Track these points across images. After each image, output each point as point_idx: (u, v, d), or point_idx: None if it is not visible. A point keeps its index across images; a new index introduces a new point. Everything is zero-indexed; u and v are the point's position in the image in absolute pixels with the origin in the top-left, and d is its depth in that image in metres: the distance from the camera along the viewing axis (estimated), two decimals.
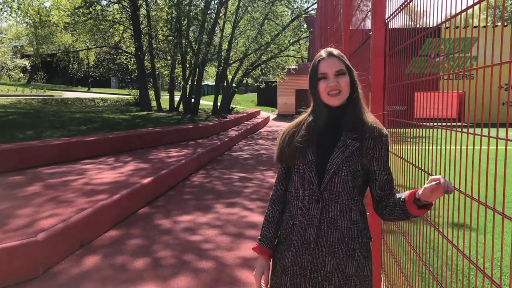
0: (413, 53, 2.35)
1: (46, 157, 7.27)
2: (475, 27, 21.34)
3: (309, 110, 1.75)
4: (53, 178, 6.12)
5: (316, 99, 1.66)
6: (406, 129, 2.39)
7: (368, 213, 2.73)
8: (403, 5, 2.26)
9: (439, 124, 1.84)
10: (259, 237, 1.77)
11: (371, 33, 2.62)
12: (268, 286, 1.73)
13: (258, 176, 8.05)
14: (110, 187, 5.56)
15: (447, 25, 1.81)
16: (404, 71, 2.50)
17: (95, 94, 28.19)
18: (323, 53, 1.66)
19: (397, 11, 2.33)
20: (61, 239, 3.87)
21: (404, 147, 2.34)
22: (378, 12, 2.56)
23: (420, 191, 1.41)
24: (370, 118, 1.66)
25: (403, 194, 1.53)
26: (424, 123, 2.05)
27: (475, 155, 1.50)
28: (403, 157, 2.30)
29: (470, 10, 1.67)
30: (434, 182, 1.33)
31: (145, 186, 5.87)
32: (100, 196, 5.02)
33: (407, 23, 2.39)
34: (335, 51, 1.66)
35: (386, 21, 2.54)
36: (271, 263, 1.75)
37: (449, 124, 1.83)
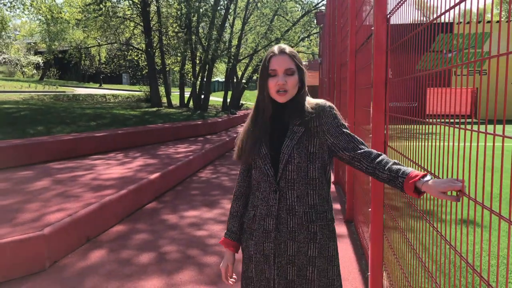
0: (422, 49, 2.32)
1: (56, 153, 7.36)
2: (488, 22, 21.02)
3: (255, 105, 1.80)
4: (62, 173, 6.20)
5: (264, 93, 1.71)
6: (415, 126, 2.37)
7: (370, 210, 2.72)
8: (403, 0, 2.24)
9: (441, 121, 1.82)
10: (225, 231, 1.87)
11: (373, 28, 2.61)
12: (233, 276, 1.86)
13: None
14: (117, 182, 5.61)
15: (460, 20, 1.77)
16: (409, 66, 2.48)
17: (107, 91, 28.41)
18: (275, 49, 1.71)
19: (398, 6, 2.31)
20: (67, 233, 3.92)
21: (405, 144, 2.32)
22: (380, 6, 2.54)
23: (427, 182, 1.39)
24: (312, 101, 1.73)
25: (406, 170, 1.49)
26: (426, 120, 2.03)
27: (480, 152, 1.49)
28: (405, 154, 2.28)
29: (482, 5, 1.64)
30: (455, 185, 1.32)
31: (152, 181, 5.91)
32: (107, 191, 5.07)
33: (414, 18, 2.37)
34: (288, 49, 1.71)
35: (388, 16, 2.52)
36: (236, 255, 1.87)
37: (451, 120, 1.81)
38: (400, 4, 2.28)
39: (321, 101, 1.74)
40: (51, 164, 6.99)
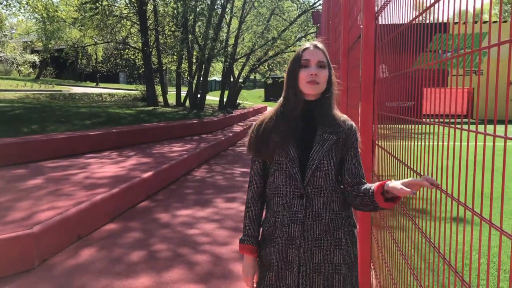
0: (414, 48, 2.32)
1: (50, 151, 7.34)
2: (485, 22, 21.01)
3: (281, 101, 1.73)
4: (55, 172, 6.18)
5: (293, 87, 1.66)
6: (407, 126, 2.37)
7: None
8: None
9: (433, 120, 1.82)
10: (245, 237, 1.76)
11: (361, 26, 2.61)
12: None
13: None
14: (110, 181, 5.60)
15: (456, 20, 1.78)
16: (401, 66, 2.48)
17: (103, 90, 28.34)
18: (308, 44, 1.70)
19: (385, 4, 2.31)
20: (57, 231, 3.91)
21: (395, 143, 2.32)
22: (369, 5, 2.53)
23: (390, 183, 1.43)
24: (340, 114, 1.74)
25: (373, 185, 1.55)
26: (415, 119, 2.03)
27: (473, 151, 1.49)
28: (392, 153, 2.28)
29: (479, 5, 1.66)
30: (416, 181, 1.37)
31: (145, 180, 5.90)
32: (99, 189, 5.06)
33: (403, 16, 2.37)
34: (320, 45, 1.70)
35: (376, 14, 2.52)
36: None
37: (446, 120, 1.81)
38: (387, 2, 2.28)
39: (348, 118, 1.75)
40: (44, 162, 6.97)
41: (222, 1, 17.40)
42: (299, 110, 1.67)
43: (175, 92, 20.67)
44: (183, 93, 20.37)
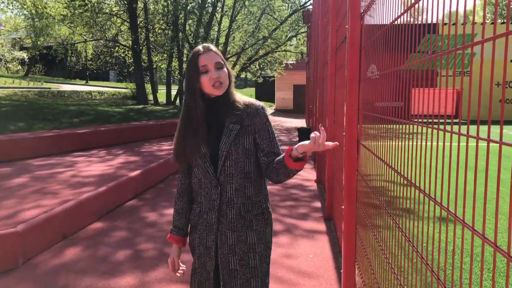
0: (402, 48, 2.33)
1: (36, 149, 7.26)
2: (475, 23, 21.21)
3: (184, 109, 1.83)
4: (41, 170, 6.12)
5: (194, 93, 1.76)
6: (398, 126, 2.37)
7: (343, 207, 2.73)
8: None
9: (418, 120, 1.83)
10: (172, 227, 1.93)
11: (347, 26, 2.61)
12: (181, 267, 1.94)
13: None
14: (97, 179, 5.55)
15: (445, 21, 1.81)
16: (389, 65, 2.48)
17: (93, 87, 28.12)
18: (200, 48, 1.79)
19: (371, 3, 2.31)
20: (42, 230, 3.87)
21: (380, 143, 2.33)
22: (354, 5, 2.54)
23: (299, 144, 1.61)
24: (244, 99, 1.84)
25: (283, 153, 1.71)
26: (398, 119, 2.04)
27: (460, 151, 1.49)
28: (376, 153, 2.29)
29: (469, 7, 1.68)
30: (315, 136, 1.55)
31: (133, 178, 5.86)
32: (86, 188, 5.02)
33: (389, 16, 2.37)
34: (212, 46, 1.81)
35: (362, 14, 2.52)
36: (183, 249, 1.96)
37: (425, 121, 1.81)
38: (371, 2, 2.29)
39: (253, 100, 1.85)
40: (31, 160, 6.90)
41: (212, 0, 17.34)
42: (201, 111, 1.77)
43: (165, 90, 20.57)
44: (173, 92, 20.29)
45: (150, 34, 18.36)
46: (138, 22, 17.58)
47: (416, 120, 1.75)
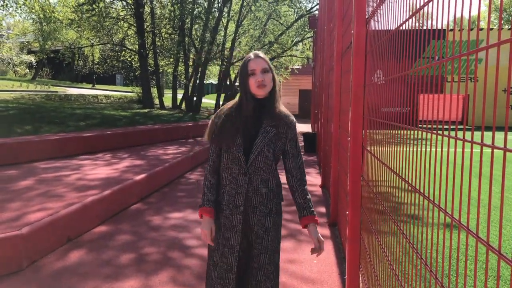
0: (410, 54, 2.31)
1: (43, 152, 7.30)
2: (481, 29, 21.17)
3: (236, 100, 2.17)
4: (47, 173, 6.15)
5: (246, 91, 2.08)
6: (403, 131, 2.36)
7: (347, 212, 2.72)
8: (380, 2, 2.24)
9: (423, 126, 1.82)
10: (204, 201, 2.14)
11: (352, 31, 2.61)
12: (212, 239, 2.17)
13: None
14: (102, 182, 5.57)
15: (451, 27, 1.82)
16: (393, 71, 2.47)
17: (99, 91, 28.25)
18: (251, 55, 2.11)
19: (376, 9, 2.31)
20: (47, 233, 3.88)
21: (384, 149, 2.32)
22: (360, 10, 2.54)
23: (309, 229, 2.17)
24: (283, 109, 2.16)
25: (301, 211, 2.19)
26: (407, 126, 2.03)
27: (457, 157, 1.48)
28: (381, 158, 2.28)
29: (476, 12, 1.69)
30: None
31: (138, 182, 5.87)
32: (91, 191, 5.04)
33: (393, 22, 2.37)
34: (261, 54, 2.12)
35: (367, 19, 2.52)
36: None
37: (429, 126, 1.81)
38: (377, 8, 2.29)
39: (289, 113, 2.18)
40: (37, 163, 6.93)
41: (219, 5, 17.40)
42: (251, 109, 2.09)
43: (171, 94, 20.63)
44: (179, 96, 20.36)
45: (156, 38, 18.43)
46: (145, 27, 17.67)
47: (421, 126, 1.75)
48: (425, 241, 1.46)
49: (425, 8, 2.09)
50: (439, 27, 1.92)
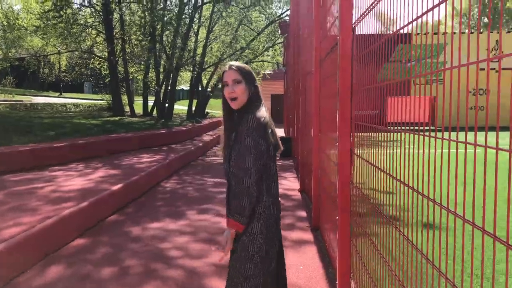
0: (381, 59, 2.34)
1: (12, 164, 7.03)
2: (444, 33, 21.77)
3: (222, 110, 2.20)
4: (19, 186, 5.91)
5: (224, 103, 2.12)
6: (375, 133, 2.38)
7: (337, 218, 2.72)
8: (369, 9, 2.26)
9: (406, 128, 1.84)
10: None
11: (338, 37, 2.62)
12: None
13: None
14: (78, 194, 5.40)
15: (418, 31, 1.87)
16: (371, 76, 2.50)
17: (67, 99, 27.56)
18: (226, 66, 2.11)
19: (364, 15, 2.33)
20: (23, 249, 3.72)
21: (369, 151, 2.33)
22: (345, 16, 2.55)
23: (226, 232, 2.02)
24: (257, 113, 2.02)
25: (231, 213, 2.01)
26: (392, 128, 2.05)
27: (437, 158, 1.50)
28: (370, 161, 2.29)
29: (439, 17, 1.73)
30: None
31: (114, 193, 5.73)
32: (67, 203, 4.87)
33: (377, 29, 2.39)
34: (234, 65, 2.09)
35: (353, 25, 2.54)
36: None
37: (412, 128, 1.82)
38: (365, 14, 2.31)
39: (254, 112, 2.02)
40: (7, 176, 6.66)
41: (190, 11, 17.31)
42: (226, 116, 2.13)
43: (142, 101, 20.35)
44: (150, 103, 20.09)
45: (126, 45, 18.16)
46: (114, 33, 17.38)
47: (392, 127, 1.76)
48: (430, 243, 1.46)
49: (391, 14, 2.14)
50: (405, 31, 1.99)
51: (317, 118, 4.67)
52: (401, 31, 2.09)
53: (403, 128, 1.75)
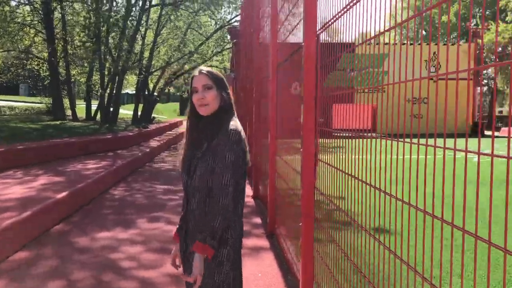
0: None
1: None
2: (386, 44, 22.78)
3: (187, 120, 2.01)
4: None
5: (192, 110, 1.94)
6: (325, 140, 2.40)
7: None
8: (335, 18, 2.28)
9: (375, 134, 1.87)
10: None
11: (303, 43, 2.62)
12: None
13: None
14: (18, 203, 5.05)
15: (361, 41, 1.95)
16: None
17: (1, 102, 25.91)
18: (196, 71, 1.93)
19: (330, 23, 2.34)
20: None
21: (330, 156, 2.34)
22: (310, 23, 2.56)
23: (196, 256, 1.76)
24: (232, 121, 1.88)
25: (201, 236, 1.75)
26: (364, 134, 2.07)
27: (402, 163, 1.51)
28: (337, 167, 2.30)
29: (380, 28, 1.81)
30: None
31: (59, 201, 5.41)
32: (7, 213, 4.53)
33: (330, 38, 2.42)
34: (205, 69, 1.93)
35: (318, 33, 2.55)
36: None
37: (367, 133, 1.85)
38: (331, 22, 2.32)
39: (233, 124, 1.85)
40: None
41: (137, 13, 16.89)
42: (191, 126, 1.96)
43: (84, 105, 19.54)
44: (94, 106, 19.34)
45: (68, 46, 17.37)
46: (55, 33, 16.59)
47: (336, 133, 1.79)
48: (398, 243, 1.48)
49: (335, 24, 2.19)
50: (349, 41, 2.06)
51: (274, 123, 4.67)
52: (345, 40, 2.16)
53: (376, 135, 1.76)
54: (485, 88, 35.50)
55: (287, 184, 4.02)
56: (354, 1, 2.01)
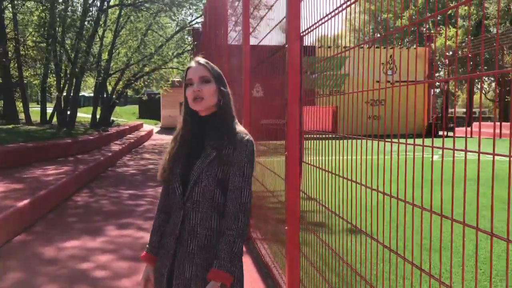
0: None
1: None
2: (346, 47, 23.30)
3: (180, 124, 1.75)
4: None
5: (186, 106, 1.69)
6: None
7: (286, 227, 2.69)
8: (321, 22, 2.28)
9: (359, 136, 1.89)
10: (146, 245, 1.80)
11: (286, 45, 2.61)
12: None
13: (150, 193, 7.62)
14: None
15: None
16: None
17: None
18: (192, 62, 1.72)
19: (315, 26, 2.34)
20: None
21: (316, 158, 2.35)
22: (293, 25, 2.55)
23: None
24: (240, 128, 1.68)
25: (220, 261, 1.51)
26: (347, 135, 2.07)
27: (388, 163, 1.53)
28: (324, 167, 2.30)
29: (338, 32, 1.85)
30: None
31: (20, 209, 5.13)
32: None
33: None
34: (202, 60, 1.70)
35: (302, 35, 2.54)
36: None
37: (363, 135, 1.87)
38: (316, 26, 2.32)
39: (244, 131, 1.68)
40: None
41: (95, 13, 16.41)
42: (188, 127, 1.70)
43: (38, 108, 18.75)
44: (49, 110, 18.60)
45: (21, 46, 16.62)
46: (6, 33, 15.83)
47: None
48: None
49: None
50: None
51: (248, 127, 4.63)
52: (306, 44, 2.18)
53: (360, 136, 1.77)
54: (437, 90, 37.01)
55: (264, 187, 4.00)
56: (344, 6, 2.02)
